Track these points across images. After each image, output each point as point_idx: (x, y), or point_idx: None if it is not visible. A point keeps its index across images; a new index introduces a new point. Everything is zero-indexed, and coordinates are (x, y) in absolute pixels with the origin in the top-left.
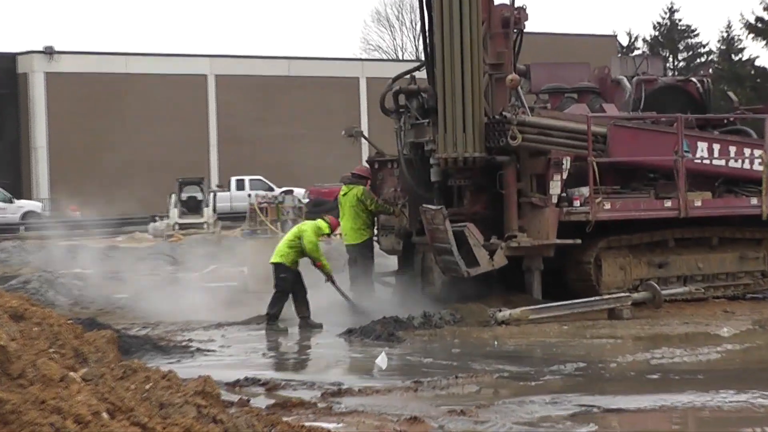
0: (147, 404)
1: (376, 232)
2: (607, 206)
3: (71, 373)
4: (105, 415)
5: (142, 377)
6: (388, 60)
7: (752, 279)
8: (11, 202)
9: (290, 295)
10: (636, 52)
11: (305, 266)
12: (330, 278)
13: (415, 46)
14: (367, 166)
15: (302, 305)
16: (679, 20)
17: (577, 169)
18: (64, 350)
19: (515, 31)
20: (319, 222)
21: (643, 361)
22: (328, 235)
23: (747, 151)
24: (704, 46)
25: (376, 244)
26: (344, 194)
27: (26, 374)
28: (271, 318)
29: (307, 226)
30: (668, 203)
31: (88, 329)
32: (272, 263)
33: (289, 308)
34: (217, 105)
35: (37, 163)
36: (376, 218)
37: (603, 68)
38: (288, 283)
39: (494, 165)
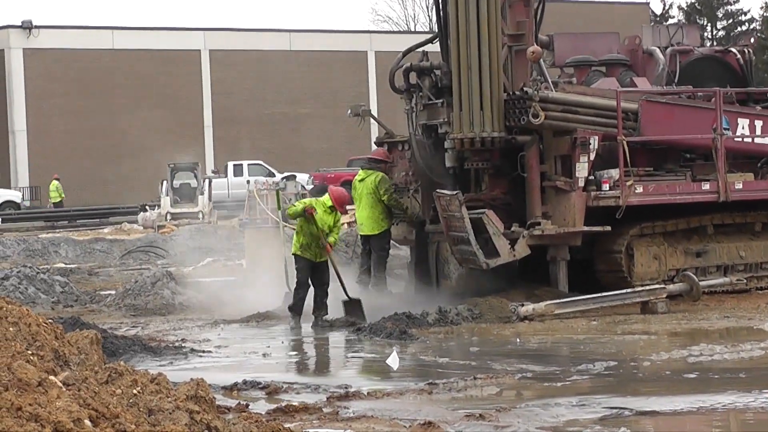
0: (134, 410)
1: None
2: (639, 190)
3: (50, 377)
4: (87, 422)
5: (128, 381)
6: (399, 32)
7: None
8: None
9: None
10: (670, 21)
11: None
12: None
13: (428, 16)
14: (383, 149)
15: (316, 302)
16: None
17: (605, 149)
18: (43, 352)
19: None
20: (321, 199)
21: (679, 359)
22: (333, 208)
23: None
24: (745, 14)
25: None
26: (361, 180)
27: (1, 378)
28: (291, 311)
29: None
30: (706, 186)
31: (71, 329)
32: None
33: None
34: (212, 83)
35: (16, 148)
36: None
37: (634, 38)
38: (301, 273)
39: (515, 146)
